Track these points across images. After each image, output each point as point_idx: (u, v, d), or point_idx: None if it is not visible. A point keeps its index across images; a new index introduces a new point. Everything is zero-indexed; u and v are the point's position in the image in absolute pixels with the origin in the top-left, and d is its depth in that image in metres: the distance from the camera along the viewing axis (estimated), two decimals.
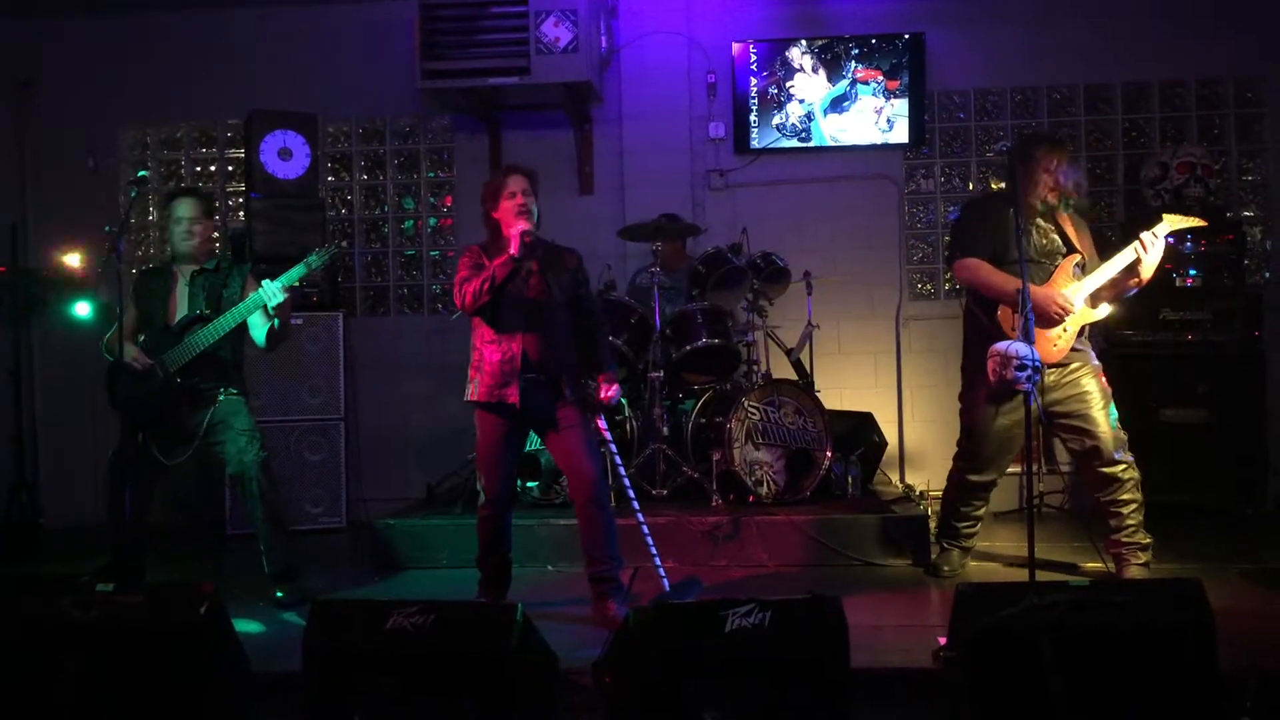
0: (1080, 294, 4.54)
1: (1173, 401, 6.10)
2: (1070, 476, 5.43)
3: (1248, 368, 6.13)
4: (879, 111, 6.87)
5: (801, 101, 6.92)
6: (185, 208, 4.82)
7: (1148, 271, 4.51)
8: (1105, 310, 4.61)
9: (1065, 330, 4.52)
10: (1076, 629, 3.00)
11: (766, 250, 6.19)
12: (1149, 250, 4.46)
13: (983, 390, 4.56)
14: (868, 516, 5.36)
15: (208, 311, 4.69)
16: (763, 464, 5.58)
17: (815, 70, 6.90)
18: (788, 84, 6.92)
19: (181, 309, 4.74)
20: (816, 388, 6.06)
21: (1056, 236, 4.64)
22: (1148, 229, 4.50)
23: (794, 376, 6.14)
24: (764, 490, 5.56)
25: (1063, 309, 4.46)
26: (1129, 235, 4.67)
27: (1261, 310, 6.27)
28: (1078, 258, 4.61)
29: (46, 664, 3.25)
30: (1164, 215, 4.57)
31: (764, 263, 6.11)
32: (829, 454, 5.66)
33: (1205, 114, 6.80)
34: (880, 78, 6.85)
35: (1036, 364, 3.91)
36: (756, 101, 6.94)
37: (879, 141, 6.91)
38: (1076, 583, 3.18)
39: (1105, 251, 4.69)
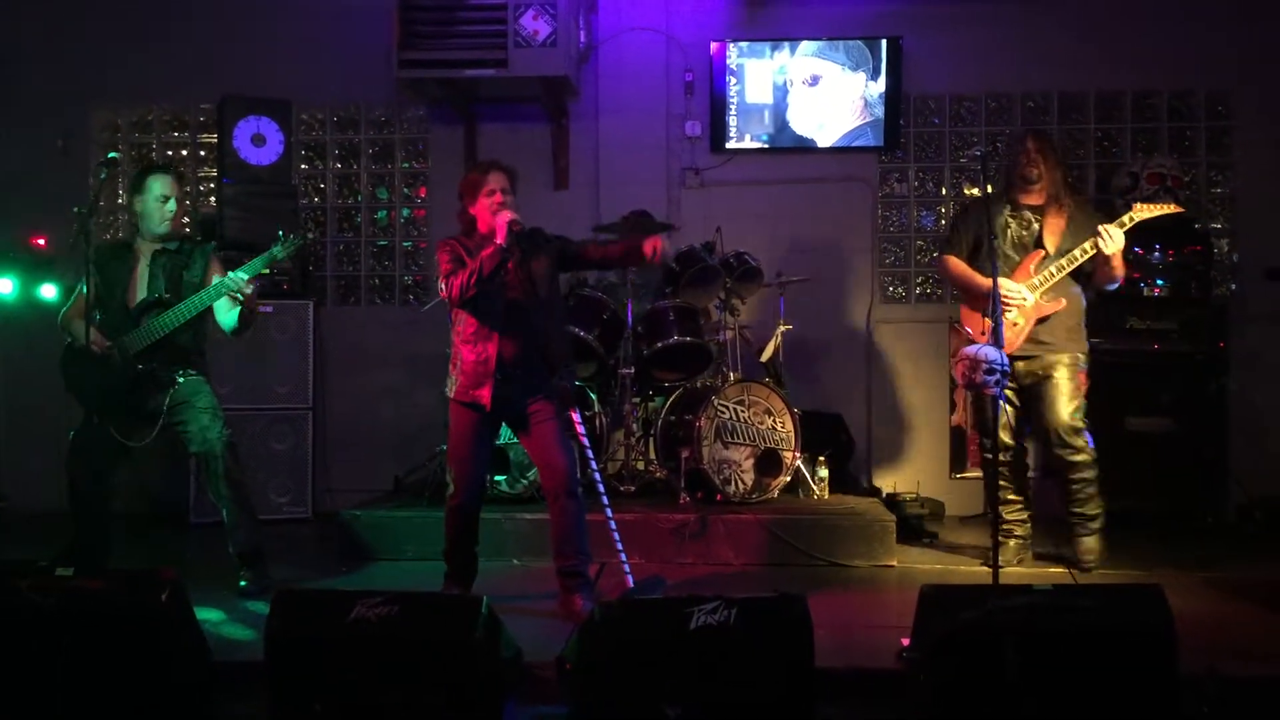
0: (1036, 289, 4.87)
1: (1137, 410, 6.16)
2: (1036, 481, 5.48)
3: (1212, 378, 6.20)
4: (854, 115, 6.90)
5: (778, 102, 6.94)
6: (163, 184, 4.69)
7: (1117, 263, 4.79)
8: (1059, 303, 4.87)
9: (1016, 324, 4.85)
10: (1038, 632, 3.03)
11: (740, 249, 6.19)
12: (1108, 243, 4.70)
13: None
14: (835, 517, 5.39)
15: (167, 296, 4.59)
16: (731, 463, 5.60)
17: (793, 71, 6.91)
18: (764, 84, 6.93)
19: (141, 291, 4.63)
20: (786, 388, 6.08)
21: (1038, 228, 4.94)
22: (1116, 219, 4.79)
23: (764, 376, 6.15)
24: (732, 489, 5.57)
25: (1013, 292, 4.83)
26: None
27: (1227, 322, 6.37)
28: (1042, 254, 4.90)
29: (4, 649, 3.22)
30: (1134, 204, 4.85)
31: (737, 262, 6.11)
32: (797, 454, 5.68)
33: (1176, 125, 6.86)
34: (858, 81, 6.88)
35: (1005, 368, 3.94)
36: (734, 101, 6.95)
37: (854, 144, 6.94)
38: (1039, 586, 3.21)
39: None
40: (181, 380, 4.62)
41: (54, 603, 3.23)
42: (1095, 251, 4.76)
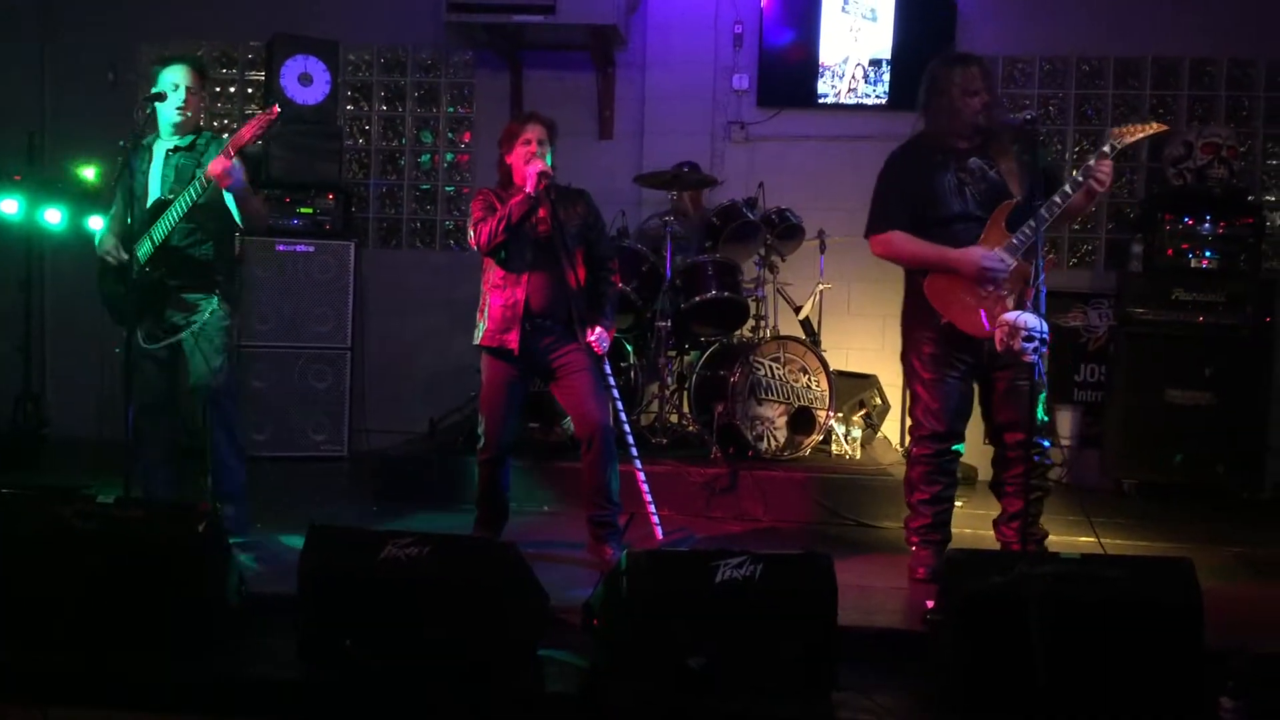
0: (1018, 248, 3.96)
1: (1178, 382, 6.09)
2: (1069, 450, 5.43)
3: (1256, 353, 6.11)
4: (905, 73, 6.80)
5: (828, 59, 6.84)
6: (178, 73, 4.28)
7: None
8: (1049, 261, 4.17)
9: (1005, 297, 4.00)
10: (1065, 600, 3.03)
11: (782, 206, 6.16)
12: (1104, 178, 3.91)
13: (924, 352, 4.23)
14: (865, 477, 5.39)
15: (170, 195, 4.23)
16: (764, 419, 5.60)
17: (844, 28, 6.82)
18: (815, 40, 6.84)
19: (154, 191, 4.32)
20: (823, 347, 6.06)
21: (995, 177, 4.03)
22: (1099, 149, 3.95)
23: (801, 334, 6.14)
24: (764, 445, 5.58)
25: (1000, 261, 3.94)
26: (1149, 214, 4.46)
27: (1275, 296, 6.24)
28: (1013, 203, 3.99)
29: (48, 572, 3.29)
30: (1112, 130, 4.00)
31: (778, 218, 6.08)
32: (831, 413, 5.68)
33: (1234, 95, 6.72)
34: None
35: (1044, 336, 3.87)
36: (783, 56, 6.87)
37: (904, 104, 6.84)
38: (1067, 555, 3.21)
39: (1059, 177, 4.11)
40: (207, 314, 4.36)
41: (94, 528, 3.31)
42: (1085, 188, 3.90)
